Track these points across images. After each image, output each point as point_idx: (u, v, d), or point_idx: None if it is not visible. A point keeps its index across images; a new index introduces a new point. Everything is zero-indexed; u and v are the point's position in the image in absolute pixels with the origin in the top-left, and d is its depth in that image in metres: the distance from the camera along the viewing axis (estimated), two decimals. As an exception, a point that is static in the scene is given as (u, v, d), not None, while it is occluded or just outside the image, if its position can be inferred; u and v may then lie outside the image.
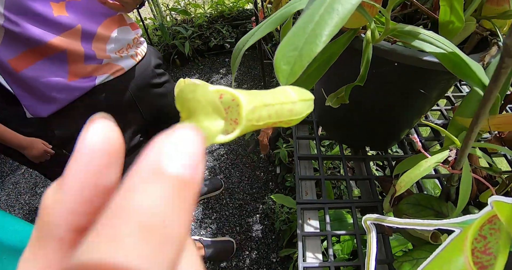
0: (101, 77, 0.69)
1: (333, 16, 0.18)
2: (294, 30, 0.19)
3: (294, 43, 0.18)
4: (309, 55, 0.18)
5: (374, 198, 0.57)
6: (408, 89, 0.47)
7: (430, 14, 0.43)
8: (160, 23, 2.28)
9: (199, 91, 0.12)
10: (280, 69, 0.19)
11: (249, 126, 0.14)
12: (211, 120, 0.12)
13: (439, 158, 0.35)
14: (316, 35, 0.18)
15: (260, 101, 0.15)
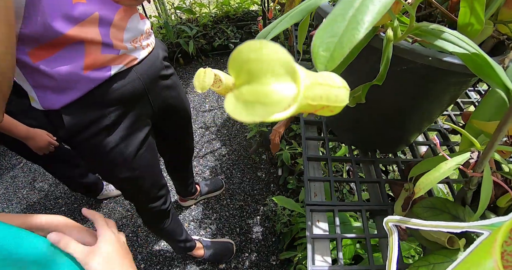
0: (116, 68, 0.69)
1: (375, 2, 0.17)
2: (332, 17, 0.18)
3: (333, 29, 0.18)
4: (350, 41, 0.17)
5: (384, 201, 0.56)
6: (420, 92, 0.47)
7: (449, 15, 0.43)
8: (165, 21, 2.28)
9: (266, 49, 0.10)
10: (318, 55, 0.18)
11: (304, 104, 0.13)
12: (281, 82, 0.10)
13: (460, 160, 0.34)
14: (358, 22, 0.17)
15: (314, 79, 0.14)
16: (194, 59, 2.53)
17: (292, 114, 0.12)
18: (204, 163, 1.90)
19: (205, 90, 0.29)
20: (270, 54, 0.10)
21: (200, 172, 1.87)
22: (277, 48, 0.10)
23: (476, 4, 0.35)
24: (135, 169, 0.83)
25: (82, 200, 1.81)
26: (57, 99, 0.64)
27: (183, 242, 1.30)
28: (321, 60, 0.18)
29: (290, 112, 0.12)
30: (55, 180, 1.96)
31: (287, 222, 1.40)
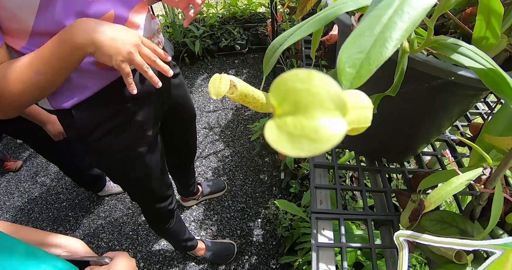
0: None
1: (404, 19, 0.17)
2: (359, 31, 0.18)
3: (360, 44, 0.17)
4: (378, 59, 0.17)
5: (390, 211, 0.56)
6: (431, 103, 0.47)
7: (463, 28, 0.43)
8: (172, 20, 2.29)
9: (315, 81, 0.10)
10: (344, 72, 0.18)
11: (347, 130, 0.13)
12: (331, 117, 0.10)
13: (472, 175, 0.34)
14: (386, 38, 0.17)
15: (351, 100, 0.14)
16: (200, 59, 2.54)
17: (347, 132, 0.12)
18: (207, 163, 1.91)
19: (220, 97, 0.29)
20: (319, 86, 0.10)
21: (202, 172, 1.87)
22: (326, 80, 0.10)
23: (492, 18, 0.35)
24: (145, 169, 0.83)
25: (83, 196, 1.82)
26: (68, 98, 0.64)
27: (186, 241, 1.30)
28: (347, 77, 0.17)
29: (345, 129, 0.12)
30: (57, 175, 1.96)
31: (288, 226, 1.40)
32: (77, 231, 1.66)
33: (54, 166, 2.02)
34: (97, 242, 1.60)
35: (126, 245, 1.57)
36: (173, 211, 1.09)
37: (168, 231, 1.15)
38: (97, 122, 0.69)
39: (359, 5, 0.29)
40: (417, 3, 0.18)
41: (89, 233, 1.64)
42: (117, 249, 1.56)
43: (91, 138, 0.70)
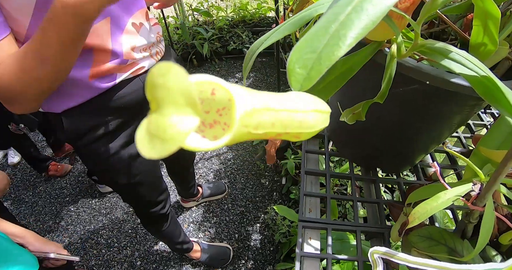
0: (122, 76, 0.67)
1: (362, 16, 0.16)
2: (315, 30, 0.16)
3: (313, 44, 0.16)
4: (329, 59, 0.15)
5: (381, 223, 0.54)
6: (428, 111, 0.44)
7: (461, 34, 0.41)
8: (181, 22, 2.30)
9: (171, 74, 0.09)
10: (294, 73, 0.16)
11: (244, 133, 0.12)
12: (179, 115, 0.09)
13: (460, 191, 0.32)
14: (340, 37, 0.15)
15: (263, 103, 0.12)
16: (208, 61, 2.55)
17: (226, 144, 0.11)
18: (208, 165, 1.90)
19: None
20: (173, 81, 0.09)
21: (204, 174, 1.86)
22: (179, 73, 0.09)
23: (490, 23, 0.33)
24: (134, 176, 0.82)
25: (86, 192, 1.83)
26: (59, 103, 0.63)
27: (181, 243, 1.29)
28: (297, 78, 0.16)
29: (222, 143, 0.11)
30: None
31: (286, 232, 1.37)
32: (77, 226, 1.67)
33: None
34: (97, 238, 1.60)
35: (125, 243, 1.57)
36: (165, 215, 1.07)
37: (161, 232, 1.14)
38: (84, 129, 0.68)
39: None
40: (378, 1, 0.16)
41: (89, 229, 1.65)
42: (116, 247, 1.56)
43: (80, 143, 0.70)
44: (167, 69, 0.09)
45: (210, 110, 0.12)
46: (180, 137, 0.09)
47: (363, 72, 0.39)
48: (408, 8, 0.31)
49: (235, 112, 0.11)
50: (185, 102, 0.09)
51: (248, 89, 0.12)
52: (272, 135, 0.13)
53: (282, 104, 0.13)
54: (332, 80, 0.35)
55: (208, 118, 0.12)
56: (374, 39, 0.36)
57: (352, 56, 0.36)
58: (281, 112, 0.12)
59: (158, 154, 0.09)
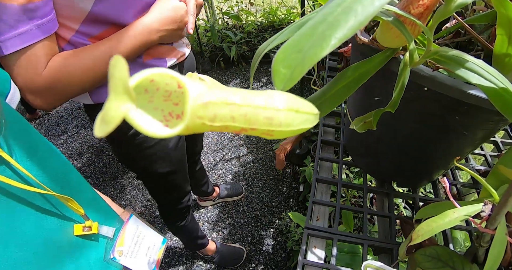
0: (171, 61, 0.72)
1: (349, 17, 0.15)
2: (303, 30, 0.16)
3: (299, 44, 0.16)
4: (311, 59, 0.15)
5: (391, 239, 0.51)
6: (447, 124, 0.42)
7: (485, 45, 0.38)
8: (211, 25, 2.36)
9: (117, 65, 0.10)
10: (278, 72, 0.16)
11: (199, 124, 0.12)
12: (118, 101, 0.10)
13: (470, 211, 0.30)
14: (325, 37, 0.15)
15: (222, 97, 0.13)
16: (235, 64, 2.58)
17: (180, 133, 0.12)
18: (228, 167, 1.91)
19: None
20: (118, 71, 0.10)
21: (223, 175, 1.88)
22: (122, 65, 0.10)
23: (515, 33, 0.31)
24: (174, 163, 0.86)
25: (109, 183, 1.90)
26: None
27: (198, 239, 1.32)
28: (281, 78, 0.16)
29: (174, 131, 0.11)
30: (88, 160, 2.09)
31: (299, 240, 1.35)
32: (98, 217, 1.74)
33: (87, 151, 2.15)
34: (115, 230, 1.66)
35: (140, 237, 1.61)
36: (190, 207, 1.11)
37: (183, 228, 1.17)
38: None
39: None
40: (369, 1, 0.15)
41: (108, 221, 1.71)
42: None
43: (127, 134, 0.73)
44: (116, 61, 0.10)
45: (179, 103, 0.13)
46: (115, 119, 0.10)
47: (377, 80, 0.38)
48: (422, 14, 0.30)
49: (187, 104, 0.11)
50: (123, 90, 0.10)
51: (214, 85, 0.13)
52: (236, 130, 0.13)
53: (246, 99, 0.13)
54: (342, 87, 0.34)
55: (176, 109, 0.13)
56: (388, 45, 0.35)
57: (364, 62, 0.35)
58: (244, 107, 0.13)
59: (101, 133, 0.10)
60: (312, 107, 0.16)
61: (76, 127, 2.44)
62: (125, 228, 0.59)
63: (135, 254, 0.59)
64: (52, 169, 0.46)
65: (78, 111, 2.63)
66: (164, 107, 0.12)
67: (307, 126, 0.16)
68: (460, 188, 0.58)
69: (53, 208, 0.44)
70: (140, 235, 0.62)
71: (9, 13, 0.46)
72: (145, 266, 0.61)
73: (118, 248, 0.56)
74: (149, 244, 0.64)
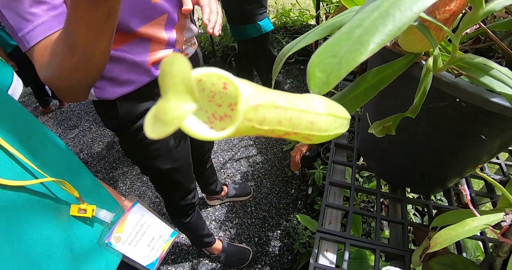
0: None
1: (387, 22, 0.15)
2: (338, 35, 0.17)
3: (334, 48, 0.16)
4: (349, 64, 0.15)
5: (403, 246, 0.51)
6: (465, 131, 0.42)
7: (507, 52, 0.38)
8: (224, 24, 2.36)
9: (176, 62, 0.10)
10: (313, 76, 0.16)
11: (248, 127, 0.12)
12: (179, 101, 0.10)
13: (490, 220, 0.30)
14: (362, 42, 0.15)
15: (270, 100, 0.13)
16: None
17: (229, 136, 0.12)
18: (237, 167, 1.92)
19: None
20: (177, 69, 0.10)
21: (231, 174, 1.88)
22: (183, 62, 0.10)
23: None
24: (176, 160, 0.86)
25: (118, 178, 1.93)
26: (115, 90, 0.67)
27: (204, 236, 1.33)
28: (316, 82, 0.16)
29: (225, 134, 0.11)
30: (98, 155, 2.12)
31: (306, 243, 1.35)
32: (107, 212, 1.76)
33: (98, 146, 2.18)
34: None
35: (148, 233, 1.63)
36: (195, 204, 1.12)
37: (188, 225, 1.18)
38: (138, 114, 0.72)
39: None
40: (407, 7, 0.16)
41: (117, 216, 1.73)
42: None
43: (130, 129, 0.74)
44: (174, 58, 0.10)
45: (222, 104, 0.13)
46: (176, 120, 0.10)
47: (397, 85, 0.37)
48: (448, 20, 0.30)
49: (240, 105, 0.11)
50: (185, 89, 0.10)
51: (259, 86, 0.12)
52: (280, 133, 0.13)
53: (291, 103, 0.13)
54: (362, 91, 0.34)
55: (219, 111, 0.13)
56: (410, 50, 0.35)
57: (386, 67, 0.35)
58: (289, 110, 0.13)
59: (158, 135, 0.10)
60: (345, 112, 0.17)
61: (88, 122, 2.48)
62: (127, 215, 0.58)
63: (136, 242, 0.58)
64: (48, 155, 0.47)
65: (90, 106, 2.68)
66: (208, 108, 0.13)
67: (342, 131, 0.16)
68: (474, 197, 0.58)
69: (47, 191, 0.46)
70: (144, 224, 0.61)
71: (23, 7, 0.47)
72: (145, 256, 0.60)
73: (116, 234, 0.55)
74: (154, 234, 0.63)
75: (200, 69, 0.12)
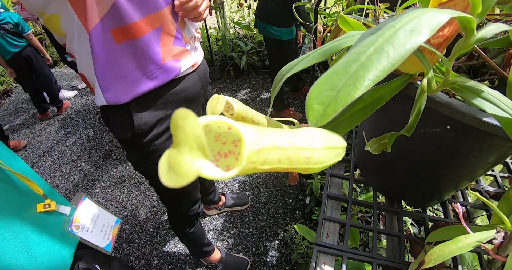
0: (185, 65, 0.74)
1: (381, 59, 0.17)
2: (336, 68, 0.18)
3: (332, 81, 0.17)
4: (345, 99, 0.16)
5: (400, 258, 0.52)
6: (459, 148, 0.43)
7: (499, 71, 0.40)
8: (223, 34, 2.40)
9: (188, 120, 0.11)
10: (312, 108, 0.17)
11: (251, 168, 0.13)
12: (192, 156, 0.11)
13: (483, 237, 0.31)
14: (358, 78, 0.16)
15: (271, 142, 0.14)
16: (245, 73, 2.61)
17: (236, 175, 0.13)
18: (235, 176, 1.92)
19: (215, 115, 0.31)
20: (190, 126, 0.11)
21: (229, 184, 1.88)
22: (195, 123, 0.11)
23: (531, 65, 0.32)
24: None
25: (116, 187, 1.92)
26: (128, 91, 0.67)
27: (204, 246, 1.33)
28: (314, 114, 0.17)
29: (231, 175, 0.12)
30: (96, 163, 2.12)
31: (304, 253, 1.35)
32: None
33: (95, 154, 2.17)
34: (119, 232, 1.67)
35: (145, 241, 1.62)
36: (199, 215, 1.13)
37: (192, 235, 1.18)
38: (152, 124, 0.73)
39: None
40: (400, 44, 0.17)
41: (114, 225, 1.72)
42: (136, 243, 1.61)
43: (145, 139, 0.74)
44: (186, 115, 0.11)
45: (227, 142, 0.14)
46: (190, 174, 0.11)
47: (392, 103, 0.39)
48: (441, 44, 0.31)
49: (244, 151, 0.12)
50: (197, 146, 0.11)
51: (261, 128, 0.14)
52: (279, 170, 0.14)
53: (290, 142, 0.14)
54: (359, 110, 0.36)
55: (224, 148, 0.14)
56: (405, 71, 0.36)
57: (382, 87, 0.36)
58: (288, 150, 0.14)
59: (173, 184, 0.11)
60: (342, 141, 0.18)
61: (85, 130, 2.48)
62: (79, 208, 0.73)
63: (91, 229, 0.74)
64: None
65: (88, 114, 2.68)
66: (214, 146, 0.14)
67: (337, 159, 0.17)
68: (470, 209, 0.59)
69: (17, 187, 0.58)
70: (94, 214, 0.77)
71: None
72: (100, 239, 0.76)
73: (75, 223, 0.70)
74: (103, 222, 0.78)
75: (207, 117, 0.13)
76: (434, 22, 0.18)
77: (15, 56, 2.22)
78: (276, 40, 1.87)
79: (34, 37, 2.35)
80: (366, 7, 0.53)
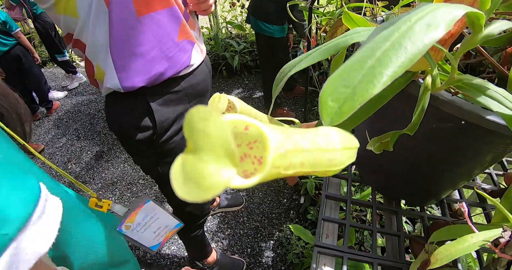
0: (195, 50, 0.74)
1: (399, 54, 0.16)
2: (350, 64, 0.17)
3: (348, 78, 0.16)
4: (363, 96, 0.15)
5: (400, 258, 0.51)
6: (458, 146, 0.43)
7: (499, 68, 0.39)
8: (215, 33, 2.38)
9: (212, 121, 0.09)
10: (326, 106, 0.16)
11: (274, 173, 0.12)
12: (218, 165, 0.09)
13: (488, 236, 0.30)
14: (375, 74, 0.15)
15: (296, 144, 0.12)
16: (237, 73, 2.60)
17: (257, 182, 0.11)
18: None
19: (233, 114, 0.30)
20: (215, 130, 0.09)
21: (222, 184, 1.87)
22: (222, 125, 0.09)
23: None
24: None
25: (108, 189, 1.89)
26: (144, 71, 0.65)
27: (206, 246, 1.32)
28: (328, 112, 0.16)
29: (251, 183, 0.11)
30: (87, 165, 2.07)
31: (300, 253, 1.34)
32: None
33: (86, 156, 2.13)
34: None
35: (138, 245, 1.59)
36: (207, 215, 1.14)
37: (198, 237, 1.19)
38: (171, 120, 0.72)
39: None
40: (418, 38, 0.16)
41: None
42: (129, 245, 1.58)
43: (165, 136, 0.73)
44: (208, 115, 0.09)
45: (242, 144, 0.13)
46: (217, 187, 0.09)
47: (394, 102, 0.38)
48: (446, 41, 0.31)
49: (269, 155, 0.11)
50: (224, 153, 0.09)
51: (278, 127, 0.12)
52: (299, 174, 0.13)
53: (313, 143, 0.13)
54: (360, 109, 0.35)
55: (238, 151, 0.13)
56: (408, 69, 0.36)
57: (384, 86, 0.36)
58: (313, 152, 0.13)
59: (193, 199, 0.09)
60: (355, 141, 0.17)
61: (75, 131, 2.44)
62: (138, 211, 0.70)
63: (142, 230, 0.72)
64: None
65: (79, 114, 2.63)
66: None
67: (352, 160, 0.16)
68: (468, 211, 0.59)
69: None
70: (153, 217, 0.74)
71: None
72: (150, 240, 0.74)
73: (127, 223, 0.69)
74: (161, 224, 0.76)
75: (229, 116, 0.12)
76: (450, 17, 0.18)
77: (4, 55, 2.16)
78: (267, 37, 1.87)
79: (23, 36, 2.29)
80: (364, 6, 0.52)
